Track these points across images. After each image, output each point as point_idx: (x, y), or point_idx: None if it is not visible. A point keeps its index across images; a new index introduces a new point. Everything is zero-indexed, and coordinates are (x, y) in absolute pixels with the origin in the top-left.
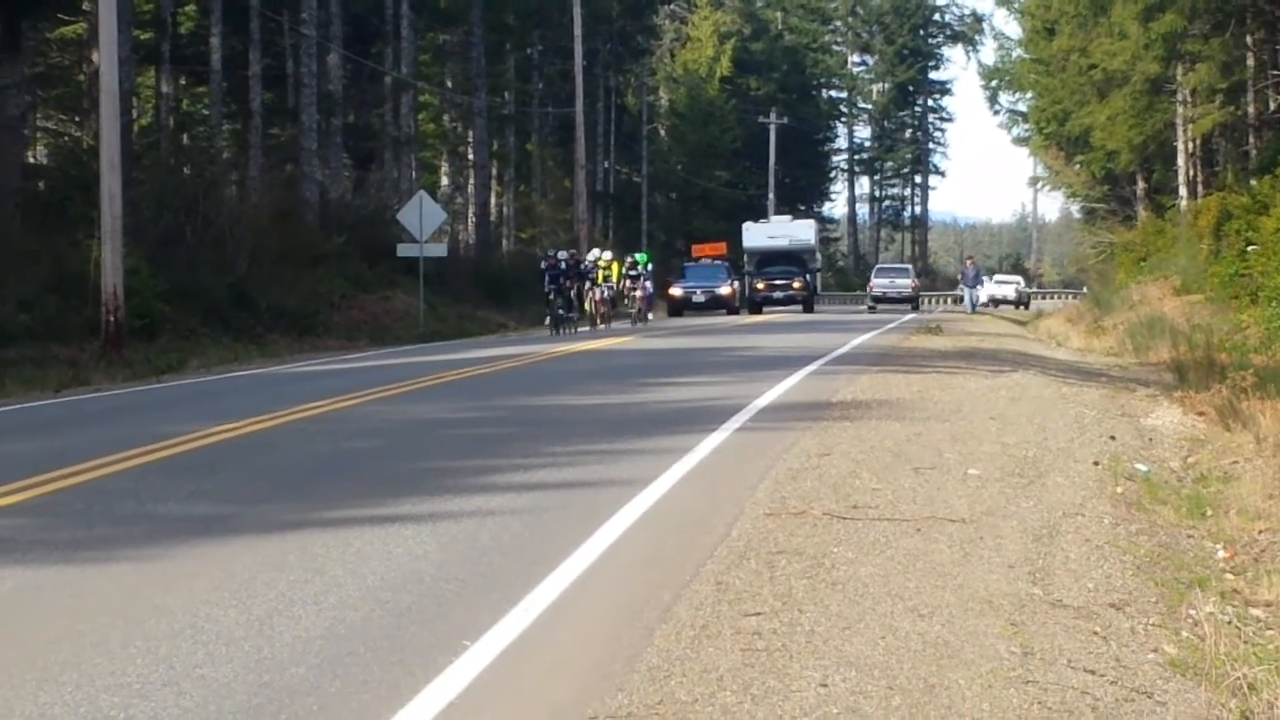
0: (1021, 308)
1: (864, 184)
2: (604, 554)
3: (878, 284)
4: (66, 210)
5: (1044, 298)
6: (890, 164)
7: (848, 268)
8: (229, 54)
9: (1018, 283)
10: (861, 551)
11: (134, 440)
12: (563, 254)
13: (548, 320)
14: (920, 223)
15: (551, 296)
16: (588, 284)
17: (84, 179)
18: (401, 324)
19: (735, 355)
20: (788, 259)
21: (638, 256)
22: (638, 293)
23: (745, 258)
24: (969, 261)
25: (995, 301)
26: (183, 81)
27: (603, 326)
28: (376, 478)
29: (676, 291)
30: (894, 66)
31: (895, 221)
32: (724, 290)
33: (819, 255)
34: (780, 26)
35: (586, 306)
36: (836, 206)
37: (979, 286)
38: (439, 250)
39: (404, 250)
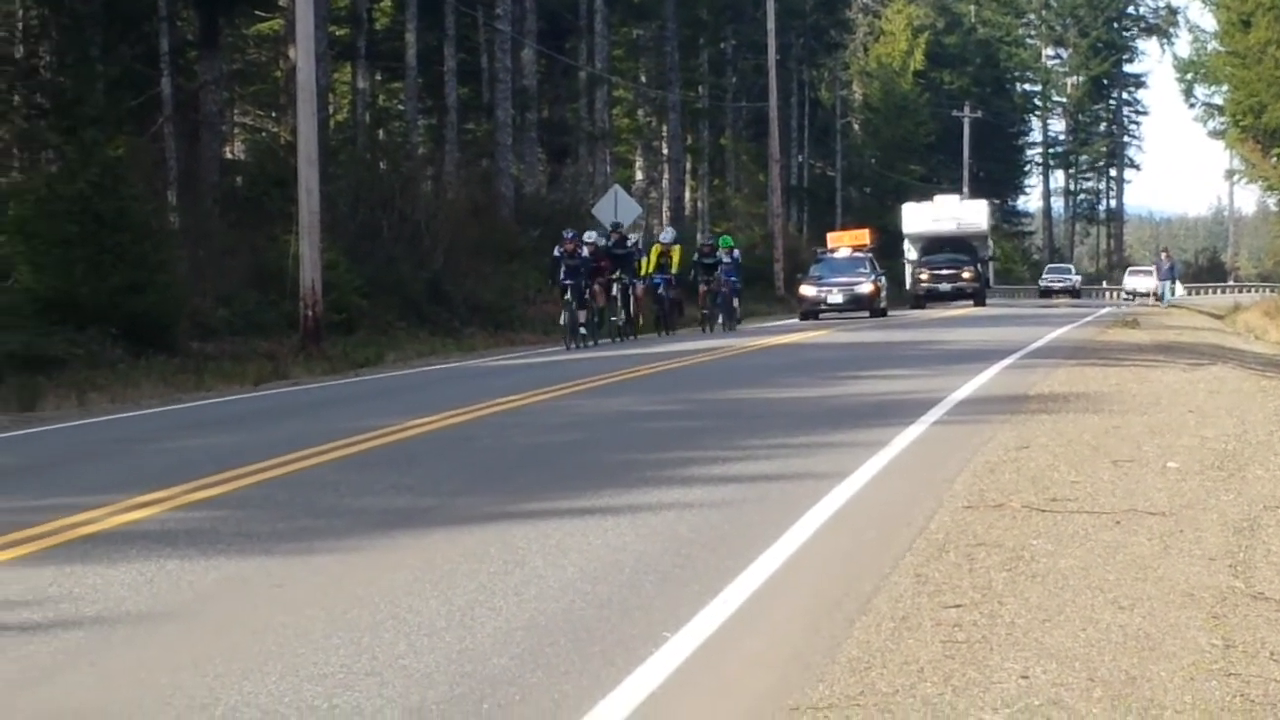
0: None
1: (1058, 178)
2: (803, 546)
3: (1046, 278)
4: (264, 205)
5: (1239, 291)
6: (1084, 157)
7: (1043, 262)
8: (424, 49)
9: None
10: (1061, 544)
11: (333, 434)
12: (591, 236)
13: (563, 319)
14: (1115, 216)
15: (568, 296)
16: (631, 279)
17: (281, 174)
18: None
19: (929, 349)
20: (956, 246)
21: (718, 239)
22: (706, 284)
23: (906, 245)
24: (1164, 255)
25: (1134, 294)
26: (379, 77)
27: (631, 338)
28: (575, 470)
29: (808, 291)
30: (1088, 60)
31: (1090, 215)
32: (865, 288)
33: (991, 242)
34: (974, 20)
35: (631, 308)
36: (1031, 200)
37: (1173, 280)
38: None
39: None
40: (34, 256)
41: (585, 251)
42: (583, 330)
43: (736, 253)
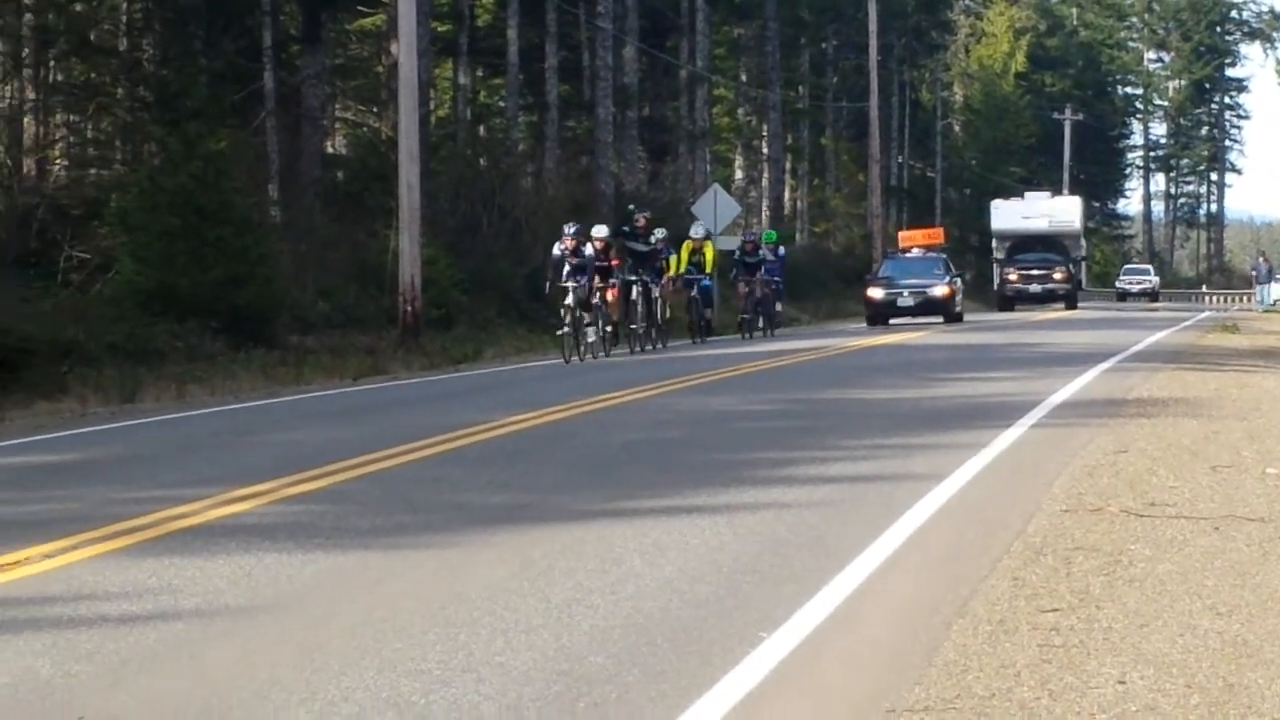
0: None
1: (1159, 181)
2: (900, 548)
3: (1125, 280)
4: (365, 200)
5: None
6: (1186, 161)
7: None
8: (526, 46)
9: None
10: (1159, 549)
11: (431, 429)
12: (600, 231)
13: (565, 322)
14: (1216, 220)
15: (569, 300)
16: (656, 277)
17: (382, 169)
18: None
19: (1027, 351)
20: (1047, 244)
21: (762, 235)
22: (747, 285)
23: (994, 243)
24: (1261, 259)
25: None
26: (480, 73)
27: (659, 348)
28: (673, 468)
29: (875, 293)
30: (1190, 63)
31: (1190, 219)
32: (939, 290)
33: (1084, 241)
34: (1075, 22)
35: (654, 313)
36: (1131, 204)
37: (1272, 284)
38: (733, 243)
39: (736, 244)
40: (136, 249)
41: (589, 249)
42: (589, 339)
43: (782, 250)
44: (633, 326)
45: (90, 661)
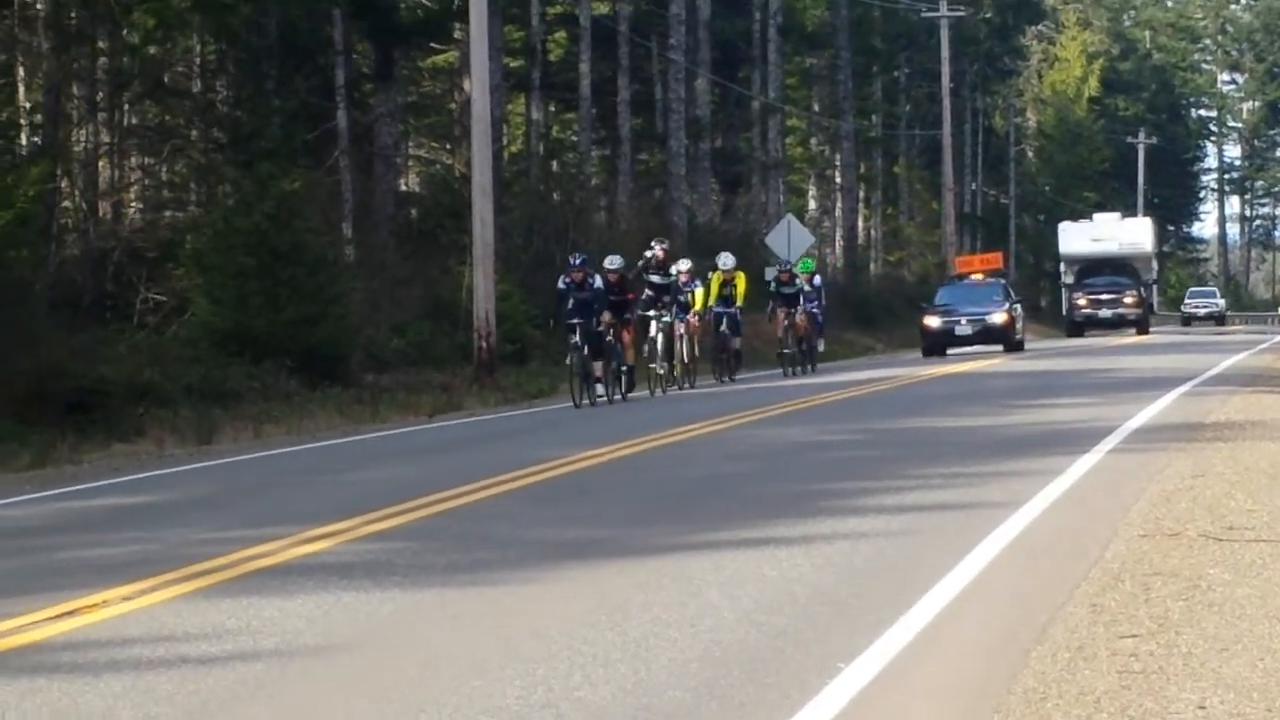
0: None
1: (1234, 204)
2: (978, 576)
3: (1190, 304)
4: (439, 237)
5: None
6: (1261, 183)
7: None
8: (598, 80)
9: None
10: (1238, 573)
11: (507, 465)
12: (614, 262)
13: (570, 366)
14: None
15: (576, 338)
16: (678, 314)
17: (456, 206)
18: (770, 347)
19: (1101, 377)
20: (1117, 268)
21: (800, 263)
22: (786, 318)
23: (1062, 267)
24: None
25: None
26: (552, 108)
27: (685, 388)
28: (748, 500)
29: (932, 322)
30: (1264, 85)
31: (1266, 241)
32: (998, 318)
33: (1155, 264)
34: (1148, 46)
35: (677, 351)
36: (1206, 226)
37: None
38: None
39: (772, 274)
40: (211, 289)
41: (598, 281)
42: (599, 391)
43: (819, 279)
44: (651, 366)
45: (170, 704)
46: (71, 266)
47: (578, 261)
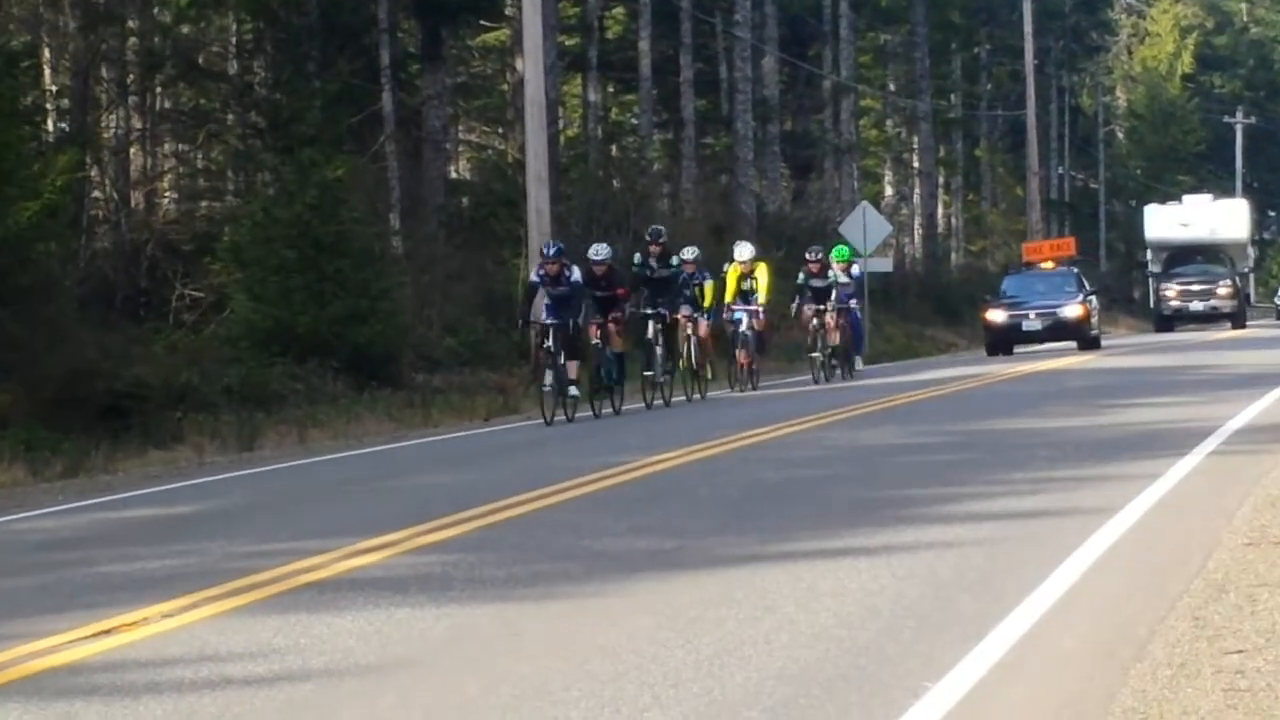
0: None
1: None
2: (1071, 587)
3: None
4: (492, 227)
5: None
6: None
7: None
8: (659, 59)
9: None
10: None
11: (568, 471)
12: (601, 251)
13: (548, 382)
14: None
15: (548, 343)
16: (695, 309)
17: (509, 194)
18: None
19: (1198, 374)
20: (1209, 256)
21: (833, 250)
22: (815, 315)
23: (1149, 254)
24: None
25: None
26: (611, 89)
27: (695, 398)
28: (826, 507)
29: (996, 316)
30: None
31: None
32: (1070, 311)
33: (1252, 252)
34: (1246, 19)
35: (684, 354)
36: None
37: None
38: (884, 265)
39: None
40: (250, 285)
41: (577, 274)
42: (573, 393)
43: (857, 269)
44: (647, 374)
45: None
46: (103, 261)
47: (552, 250)
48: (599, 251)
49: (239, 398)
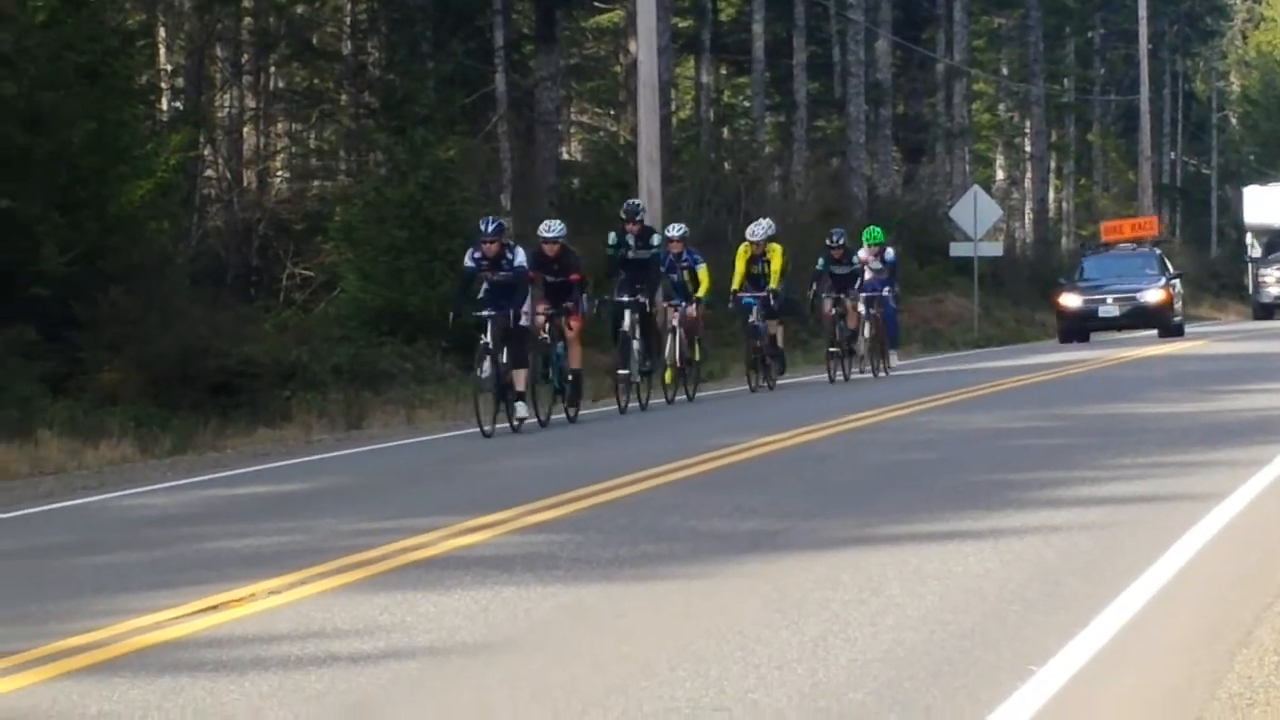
0: None
1: None
2: (1178, 573)
3: None
4: (603, 208)
5: None
6: None
7: None
8: (772, 42)
9: None
10: None
11: (675, 453)
12: (553, 228)
13: (485, 373)
14: None
15: (486, 337)
16: (676, 299)
17: (621, 175)
18: (955, 328)
19: None
20: None
21: (867, 232)
22: (836, 306)
23: (1248, 238)
24: None
25: None
26: (723, 71)
27: (676, 399)
28: (933, 491)
29: (1070, 301)
30: None
31: None
32: (1152, 295)
33: None
34: None
35: (668, 347)
36: None
37: None
38: (994, 249)
39: (957, 249)
40: (361, 265)
41: (520, 256)
42: (520, 413)
43: (891, 253)
44: (622, 372)
45: (320, 704)
46: (214, 239)
47: (490, 227)
48: (550, 228)
49: (347, 376)
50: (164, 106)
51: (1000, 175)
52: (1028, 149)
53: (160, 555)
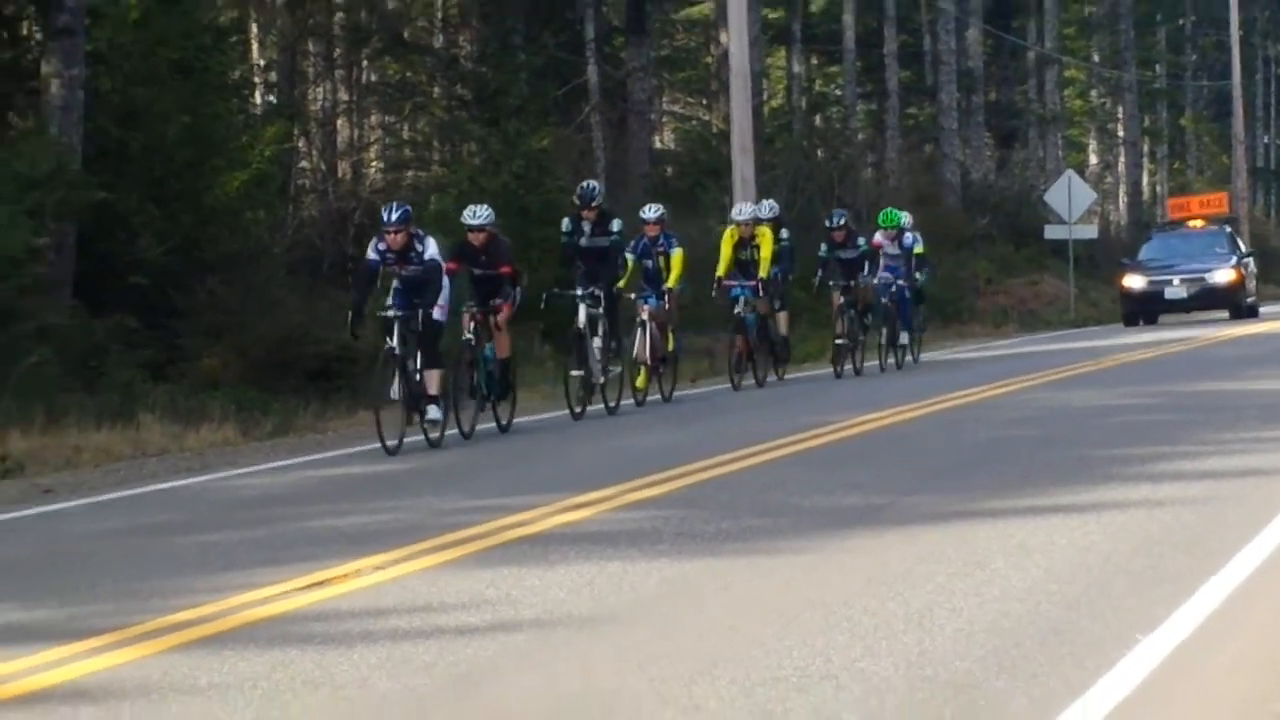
0: None
1: None
2: None
3: None
4: (697, 197)
5: None
6: None
7: None
8: (863, 32)
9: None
10: None
11: (775, 431)
12: (479, 214)
13: (394, 393)
14: None
15: (391, 342)
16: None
17: (714, 164)
18: (1051, 309)
19: None
20: None
21: (884, 215)
22: (844, 294)
23: None
24: None
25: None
26: (815, 61)
27: (647, 401)
28: (1034, 467)
29: (1134, 282)
30: None
31: None
32: (1222, 276)
33: None
34: None
35: (635, 346)
36: None
37: None
38: (1089, 232)
39: (1051, 232)
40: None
41: (432, 248)
42: (432, 414)
43: (910, 238)
44: (575, 373)
45: (429, 674)
46: (310, 229)
47: (395, 215)
48: (476, 214)
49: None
50: (257, 101)
51: (1093, 159)
52: (1120, 134)
53: (264, 533)
